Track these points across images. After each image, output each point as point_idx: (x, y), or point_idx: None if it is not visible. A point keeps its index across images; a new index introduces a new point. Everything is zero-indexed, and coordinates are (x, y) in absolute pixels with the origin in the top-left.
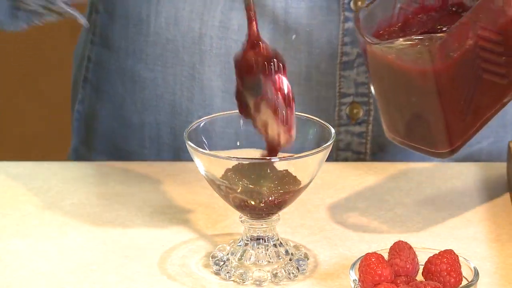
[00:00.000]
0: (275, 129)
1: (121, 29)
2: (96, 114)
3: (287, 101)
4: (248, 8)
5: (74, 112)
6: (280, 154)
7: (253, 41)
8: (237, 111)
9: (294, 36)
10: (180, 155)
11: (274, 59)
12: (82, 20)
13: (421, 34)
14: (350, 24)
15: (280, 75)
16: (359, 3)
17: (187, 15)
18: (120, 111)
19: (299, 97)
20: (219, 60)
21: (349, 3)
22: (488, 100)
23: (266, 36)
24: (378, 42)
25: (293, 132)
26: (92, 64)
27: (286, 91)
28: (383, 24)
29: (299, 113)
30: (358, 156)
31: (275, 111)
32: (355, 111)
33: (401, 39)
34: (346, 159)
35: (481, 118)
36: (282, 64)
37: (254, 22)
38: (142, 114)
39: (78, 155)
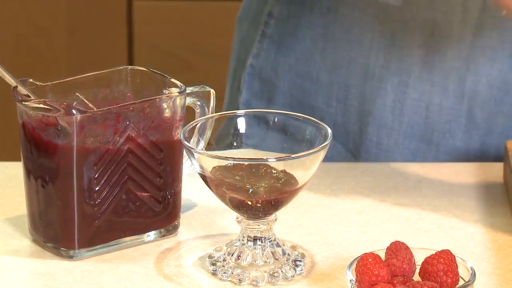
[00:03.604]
0: None
1: None
2: (276, 68)
3: None
4: None
5: (246, 66)
6: (278, 155)
7: None
8: (235, 111)
9: (504, 12)
10: (363, 120)
11: None
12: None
13: None
14: None
15: None
16: None
17: None
18: (305, 66)
19: (500, 74)
20: (422, 29)
21: None
22: (130, 224)
23: (475, 10)
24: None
25: None
26: (273, 19)
27: None
28: None
29: (298, 114)
30: None
31: None
32: None
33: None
34: None
35: (113, 239)
36: None
37: None
38: (331, 73)
39: (249, 108)
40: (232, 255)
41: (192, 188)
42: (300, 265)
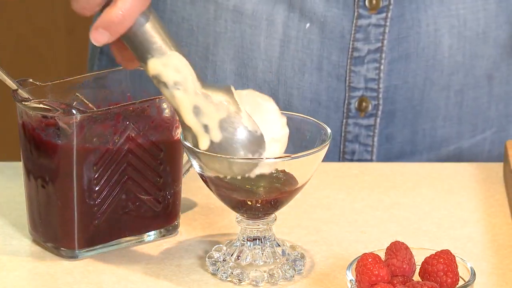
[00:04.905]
0: None
1: None
2: None
3: None
4: None
5: None
6: (277, 154)
7: None
8: None
9: (308, 25)
10: None
11: None
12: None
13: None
14: (363, 21)
15: None
16: (374, 2)
17: None
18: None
19: (310, 86)
20: (233, 44)
21: (364, 0)
22: (128, 224)
23: (279, 22)
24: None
25: None
26: None
27: None
28: None
29: (296, 114)
30: (365, 148)
31: None
32: (363, 104)
33: (36, 101)
34: (353, 151)
35: (115, 238)
36: None
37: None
38: (156, 89)
39: None
40: (232, 255)
41: (192, 188)
42: (299, 265)
